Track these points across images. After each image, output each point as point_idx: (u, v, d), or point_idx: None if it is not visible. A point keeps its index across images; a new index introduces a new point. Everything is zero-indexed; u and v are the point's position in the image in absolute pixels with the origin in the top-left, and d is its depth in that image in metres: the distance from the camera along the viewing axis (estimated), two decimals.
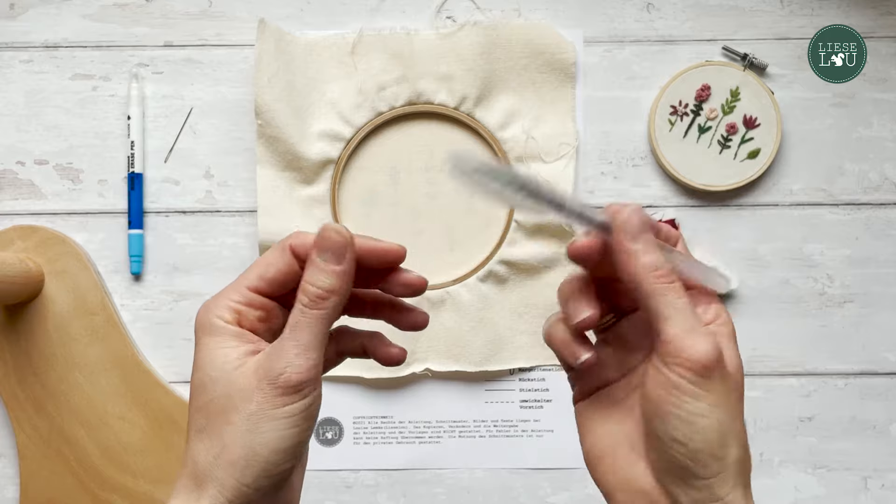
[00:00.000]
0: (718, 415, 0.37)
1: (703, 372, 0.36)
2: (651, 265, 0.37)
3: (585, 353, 0.40)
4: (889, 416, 0.72)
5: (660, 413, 0.37)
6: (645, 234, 0.38)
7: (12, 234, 0.71)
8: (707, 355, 0.36)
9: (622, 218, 0.38)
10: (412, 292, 0.42)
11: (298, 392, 0.37)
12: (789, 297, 0.72)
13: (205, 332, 0.39)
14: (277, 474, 0.38)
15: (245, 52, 0.72)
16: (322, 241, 0.38)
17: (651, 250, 0.38)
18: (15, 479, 0.72)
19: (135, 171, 0.71)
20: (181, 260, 0.72)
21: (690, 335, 0.37)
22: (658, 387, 0.37)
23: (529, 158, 0.71)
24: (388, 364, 0.43)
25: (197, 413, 0.38)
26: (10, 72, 0.72)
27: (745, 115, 0.70)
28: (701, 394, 0.36)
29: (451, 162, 0.36)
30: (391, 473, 0.73)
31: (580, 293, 0.40)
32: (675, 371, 0.37)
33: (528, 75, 0.71)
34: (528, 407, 0.72)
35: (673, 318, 0.37)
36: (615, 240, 0.38)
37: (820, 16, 0.72)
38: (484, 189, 0.36)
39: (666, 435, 0.37)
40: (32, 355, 0.70)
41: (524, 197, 0.37)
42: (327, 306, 0.38)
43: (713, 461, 0.37)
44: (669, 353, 0.37)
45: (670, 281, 0.37)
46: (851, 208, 0.72)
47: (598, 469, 0.41)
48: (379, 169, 0.72)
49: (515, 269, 0.71)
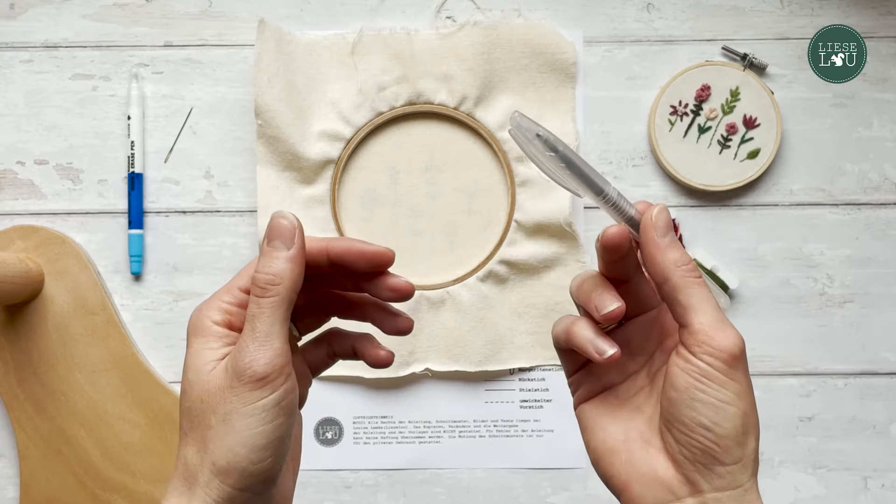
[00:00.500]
0: (743, 404, 0.39)
1: (731, 361, 0.38)
2: (679, 260, 0.39)
3: (611, 348, 0.41)
4: (889, 416, 0.72)
5: (687, 400, 0.39)
6: (671, 232, 0.40)
7: (12, 234, 0.71)
8: (736, 345, 0.38)
9: (652, 214, 0.40)
10: (399, 297, 0.42)
11: (268, 384, 0.37)
12: (789, 297, 0.72)
13: (193, 333, 0.40)
14: (261, 472, 0.38)
15: (245, 52, 0.72)
16: (271, 229, 0.39)
17: (678, 247, 0.40)
18: (15, 479, 0.72)
19: (135, 171, 0.71)
20: (181, 260, 0.72)
21: (720, 325, 0.39)
22: (686, 375, 0.39)
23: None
24: (375, 366, 0.44)
25: (182, 417, 0.39)
26: (10, 72, 0.72)
27: (745, 115, 0.70)
28: (729, 382, 0.38)
29: (512, 123, 0.38)
30: (391, 473, 0.72)
31: (604, 287, 0.41)
32: (704, 360, 0.38)
33: (528, 75, 0.71)
34: (528, 407, 0.72)
35: (702, 310, 0.39)
36: (644, 235, 0.40)
37: (820, 16, 0.72)
38: (534, 156, 0.38)
39: (693, 420, 0.39)
40: (32, 355, 0.70)
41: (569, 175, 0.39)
42: (278, 292, 0.38)
43: (737, 447, 0.38)
44: (699, 342, 0.39)
45: (697, 276, 0.40)
46: (851, 208, 0.72)
47: (610, 464, 0.42)
48: (379, 169, 0.72)
49: (515, 269, 0.71)
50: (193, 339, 0.39)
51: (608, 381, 0.44)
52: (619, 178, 0.72)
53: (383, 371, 0.71)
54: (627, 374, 0.44)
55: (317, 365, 0.45)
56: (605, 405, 0.44)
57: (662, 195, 0.72)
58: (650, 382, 0.43)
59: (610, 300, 0.40)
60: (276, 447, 0.38)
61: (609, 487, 0.42)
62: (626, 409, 0.43)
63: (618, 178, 0.72)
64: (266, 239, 0.39)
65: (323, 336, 0.45)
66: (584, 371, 0.45)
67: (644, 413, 0.42)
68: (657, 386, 0.43)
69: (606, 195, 0.40)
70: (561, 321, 0.43)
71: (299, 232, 0.39)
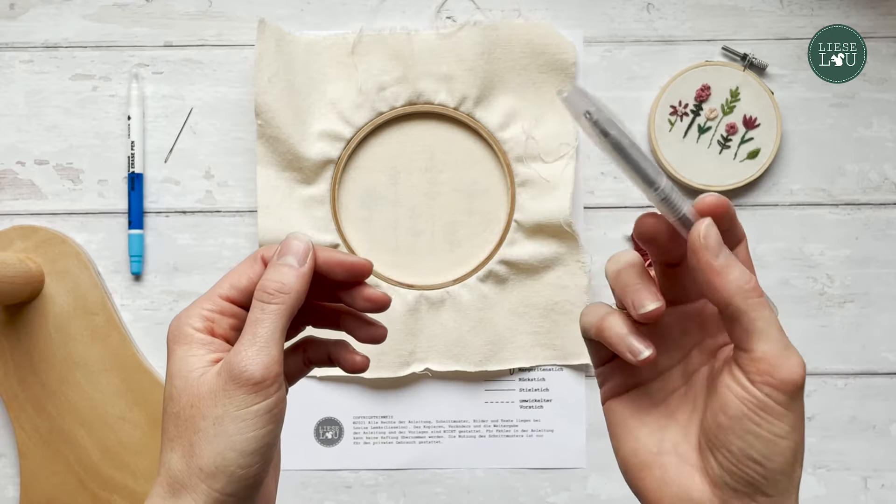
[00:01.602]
0: (796, 436, 0.36)
1: (793, 393, 0.36)
2: (740, 280, 0.35)
3: (647, 349, 0.38)
4: (889, 416, 0.72)
5: (739, 431, 0.36)
6: (724, 248, 0.36)
7: (12, 234, 0.71)
8: (800, 375, 0.36)
9: (700, 233, 0.36)
10: (376, 307, 0.43)
11: (262, 390, 0.38)
12: (789, 297, 0.72)
13: (175, 341, 0.40)
14: (248, 478, 0.38)
15: (245, 52, 0.72)
16: (285, 247, 0.40)
17: (734, 263, 0.36)
18: (15, 478, 0.72)
19: (135, 171, 0.71)
20: (181, 260, 0.72)
21: (784, 353, 0.36)
22: (740, 404, 0.36)
23: (529, 158, 0.71)
24: (352, 371, 0.44)
25: (168, 423, 0.39)
26: (10, 72, 0.72)
27: (745, 115, 0.70)
28: (786, 415, 0.36)
29: (564, 94, 0.34)
30: (391, 473, 0.72)
31: (644, 281, 0.38)
32: (763, 391, 0.36)
33: (528, 75, 0.71)
34: (528, 407, 0.72)
35: (766, 335, 0.36)
36: (696, 257, 0.36)
37: (820, 16, 0.72)
38: (588, 131, 0.35)
39: (743, 452, 0.36)
40: (32, 355, 0.70)
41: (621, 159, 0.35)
42: (284, 301, 0.39)
43: (785, 480, 0.36)
44: (760, 371, 0.35)
45: (760, 295, 0.36)
46: (851, 208, 0.72)
47: (640, 479, 0.40)
48: (379, 169, 0.72)
49: (515, 269, 0.71)
50: (176, 347, 0.40)
51: (638, 378, 0.41)
52: (619, 178, 0.72)
53: (383, 371, 0.71)
54: (660, 370, 0.41)
55: (294, 373, 0.46)
56: (634, 405, 0.41)
57: None
58: (685, 383, 0.41)
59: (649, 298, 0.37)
60: (264, 453, 0.38)
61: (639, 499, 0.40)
62: (658, 413, 0.40)
63: (618, 178, 0.72)
64: (278, 255, 0.40)
65: (299, 344, 0.46)
66: (613, 364, 0.42)
67: (678, 421, 0.40)
68: (694, 389, 0.40)
69: (658, 188, 0.35)
70: (592, 311, 0.40)
71: (312, 254, 0.40)
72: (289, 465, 0.72)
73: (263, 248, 0.42)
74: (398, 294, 0.71)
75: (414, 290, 0.71)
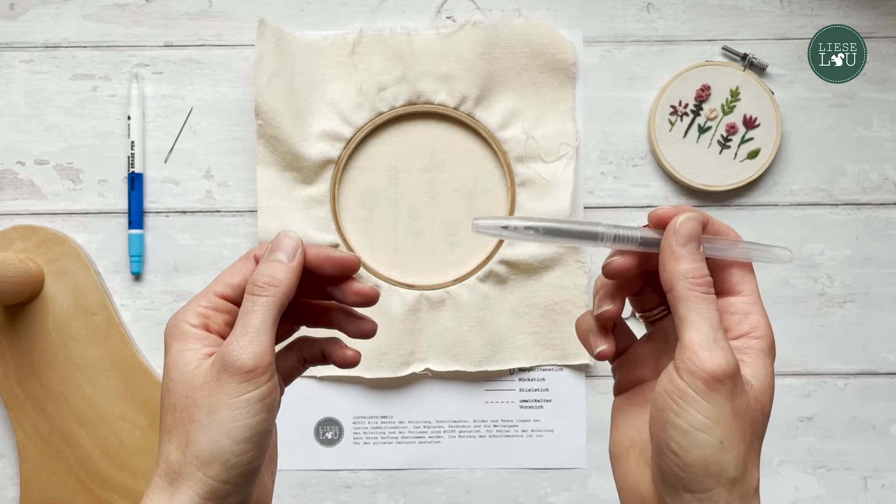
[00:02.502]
0: (719, 432, 0.36)
1: (711, 383, 0.36)
2: (689, 271, 0.38)
3: (601, 344, 0.41)
4: (889, 416, 0.72)
5: (660, 421, 0.37)
6: (693, 243, 0.39)
7: (12, 234, 0.71)
8: (719, 367, 0.36)
9: (678, 221, 0.39)
10: (364, 301, 0.44)
11: (253, 378, 0.38)
12: (789, 297, 0.72)
13: (171, 337, 0.41)
14: (242, 465, 0.39)
15: (245, 52, 0.72)
16: (275, 244, 0.42)
17: (695, 259, 0.38)
18: (15, 479, 0.72)
19: (135, 171, 0.71)
20: (181, 260, 0.72)
21: (709, 344, 0.36)
22: (664, 395, 0.37)
23: (529, 158, 0.71)
24: (343, 366, 0.45)
25: (164, 415, 0.40)
26: (10, 72, 0.72)
27: (745, 115, 0.70)
28: (705, 406, 0.36)
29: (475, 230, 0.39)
30: (391, 473, 0.72)
31: (606, 288, 0.42)
32: (684, 378, 0.36)
33: (528, 75, 0.71)
34: (528, 407, 0.72)
35: (696, 326, 0.37)
36: (664, 239, 0.39)
37: (820, 16, 0.72)
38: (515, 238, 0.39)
39: (662, 442, 0.37)
40: (32, 355, 0.70)
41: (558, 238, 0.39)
42: (274, 293, 0.40)
43: (706, 477, 0.36)
44: (684, 359, 0.36)
45: (705, 291, 0.38)
46: (851, 208, 0.72)
47: (615, 468, 0.42)
48: (379, 169, 0.72)
49: (515, 269, 0.71)
50: (172, 343, 0.41)
51: (640, 375, 0.43)
52: (619, 178, 0.72)
53: (383, 371, 0.71)
54: (659, 369, 0.42)
55: (289, 372, 0.47)
56: (630, 401, 0.43)
57: (662, 195, 0.72)
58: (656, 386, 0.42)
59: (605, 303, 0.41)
60: (258, 441, 0.39)
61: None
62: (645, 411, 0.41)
63: (618, 178, 0.72)
64: (269, 251, 0.41)
65: (293, 344, 0.47)
66: (622, 359, 0.44)
67: None
68: None
69: (601, 235, 0.39)
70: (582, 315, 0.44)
71: (301, 250, 0.42)
72: (289, 465, 0.72)
73: (256, 247, 0.43)
74: (398, 294, 0.71)
75: (414, 290, 0.71)
